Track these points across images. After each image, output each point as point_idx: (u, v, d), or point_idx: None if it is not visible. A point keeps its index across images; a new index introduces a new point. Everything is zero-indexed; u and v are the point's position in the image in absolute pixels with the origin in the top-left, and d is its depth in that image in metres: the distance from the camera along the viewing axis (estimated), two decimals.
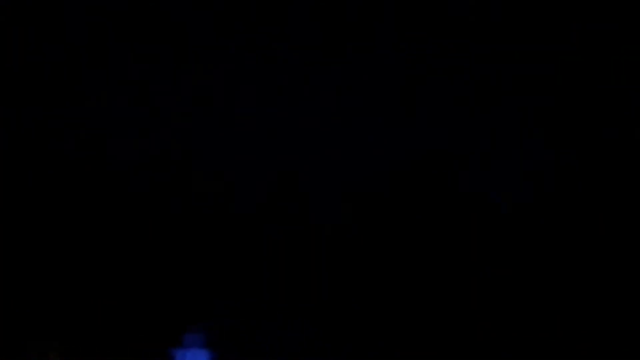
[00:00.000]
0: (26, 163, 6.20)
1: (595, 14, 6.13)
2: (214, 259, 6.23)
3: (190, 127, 6.25)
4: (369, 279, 6.25)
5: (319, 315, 6.18)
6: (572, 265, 6.17)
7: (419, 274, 6.24)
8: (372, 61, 6.21)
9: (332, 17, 6.21)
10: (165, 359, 6.01)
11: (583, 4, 6.12)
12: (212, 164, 6.26)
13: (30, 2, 6.13)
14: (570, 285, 6.16)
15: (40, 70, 6.18)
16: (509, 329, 6.13)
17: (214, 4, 6.19)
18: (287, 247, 6.24)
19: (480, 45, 6.20)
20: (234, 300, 6.19)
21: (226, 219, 6.25)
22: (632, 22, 6.11)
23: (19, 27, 6.15)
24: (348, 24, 6.21)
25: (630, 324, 6.05)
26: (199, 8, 6.19)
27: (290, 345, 6.12)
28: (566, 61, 6.18)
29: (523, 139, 6.23)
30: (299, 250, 6.24)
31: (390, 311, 6.20)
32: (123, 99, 6.22)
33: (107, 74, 6.20)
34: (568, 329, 6.10)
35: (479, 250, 6.22)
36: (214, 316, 6.14)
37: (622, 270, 6.13)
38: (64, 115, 6.20)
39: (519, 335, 6.11)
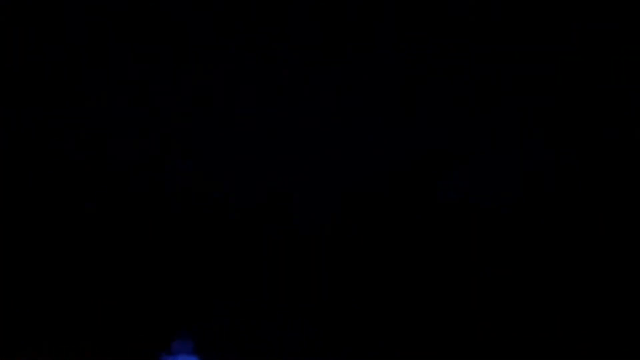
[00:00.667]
0: (26, 163, 6.20)
1: (595, 14, 6.13)
2: (208, 261, 6.23)
3: (190, 127, 6.26)
4: (369, 280, 6.25)
5: (317, 319, 6.18)
6: (572, 265, 6.17)
7: (419, 274, 6.24)
8: (372, 61, 6.22)
9: (332, 17, 6.21)
10: None
11: (583, 4, 6.12)
12: (212, 163, 6.27)
13: (30, 2, 6.14)
14: (571, 286, 6.16)
15: (40, 70, 6.19)
16: (510, 329, 6.13)
17: (214, 4, 6.20)
18: (285, 248, 6.24)
19: (480, 45, 6.20)
20: (224, 305, 6.18)
21: (223, 220, 6.25)
22: (632, 22, 6.11)
23: (19, 27, 6.16)
24: (348, 24, 6.21)
25: (630, 324, 6.05)
26: (199, 8, 6.20)
27: (284, 353, 6.11)
28: (566, 61, 6.18)
29: (523, 139, 6.23)
30: (296, 251, 6.24)
31: (390, 311, 6.20)
32: (123, 99, 6.22)
33: (107, 74, 6.21)
34: (568, 329, 6.10)
35: (479, 250, 6.22)
36: (203, 322, 6.13)
37: (622, 271, 6.13)
38: (64, 115, 6.21)
39: (521, 335, 6.11)
